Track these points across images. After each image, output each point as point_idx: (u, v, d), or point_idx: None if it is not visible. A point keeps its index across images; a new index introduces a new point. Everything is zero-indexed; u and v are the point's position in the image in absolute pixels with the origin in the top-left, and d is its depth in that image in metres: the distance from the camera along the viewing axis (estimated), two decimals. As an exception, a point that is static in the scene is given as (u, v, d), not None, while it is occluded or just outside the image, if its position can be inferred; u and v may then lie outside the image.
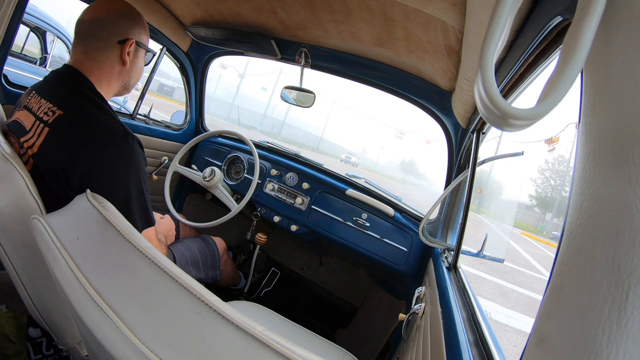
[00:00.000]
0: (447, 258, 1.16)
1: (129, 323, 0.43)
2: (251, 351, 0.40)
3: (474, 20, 0.68)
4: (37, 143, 0.76)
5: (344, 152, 36.45)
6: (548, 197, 36.00)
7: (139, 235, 0.55)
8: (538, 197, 36.95)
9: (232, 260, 1.58)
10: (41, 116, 0.78)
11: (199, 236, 1.42)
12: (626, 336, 0.23)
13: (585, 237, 0.27)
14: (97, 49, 0.86)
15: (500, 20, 0.31)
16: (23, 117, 0.82)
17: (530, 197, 37.94)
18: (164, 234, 1.28)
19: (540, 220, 34.07)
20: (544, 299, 0.30)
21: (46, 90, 0.83)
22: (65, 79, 0.84)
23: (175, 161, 1.69)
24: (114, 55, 0.88)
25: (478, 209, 4.59)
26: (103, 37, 0.86)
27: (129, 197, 0.78)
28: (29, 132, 0.78)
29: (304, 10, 1.10)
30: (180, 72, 1.82)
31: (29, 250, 0.70)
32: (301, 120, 41.65)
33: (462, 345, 0.63)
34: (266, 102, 31.91)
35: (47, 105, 0.79)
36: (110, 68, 0.88)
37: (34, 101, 0.83)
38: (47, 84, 0.85)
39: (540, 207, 36.38)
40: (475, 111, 1.02)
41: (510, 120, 0.28)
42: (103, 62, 0.87)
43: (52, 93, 0.81)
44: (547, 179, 37.73)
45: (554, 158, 36.98)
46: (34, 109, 0.81)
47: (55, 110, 0.77)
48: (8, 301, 1.07)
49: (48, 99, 0.80)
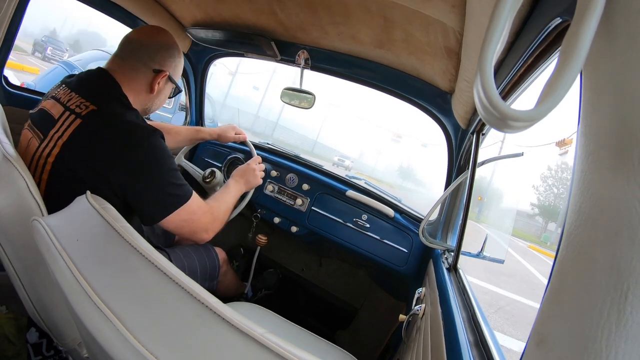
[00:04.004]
0: (447, 259, 1.16)
1: (129, 325, 0.43)
2: (252, 353, 0.40)
3: (473, 21, 0.68)
4: (68, 132, 0.80)
5: (338, 154, 34.79)
6: (551, 205, 35.08)
7: (139, 237, 0.55)
8: (540, 206, 36.08)
9: (234, 272, 1.56)
10: (73, 108, 0.82)
11: (201, 245, 1.39)
12: (625, 337, 0.24)
13: (585, 238, 0.27)
14: (133, 68, 0.92)
15: (499, 21, 0.31)
16: (50, 105, 0.87)
17: (532, 205, 37.06)
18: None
19: (543, 229, 33.22)
20: (544, 300, 0.30)
21: (78, 86, 0.87)
22: (99, 80, 0.89)
23: (181, 155, 1.70)
24: (145, 79, 0.94)
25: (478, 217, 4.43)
26: (143, 60, 0.93)
27: (160, 182, 0.84)
28: (57, 122, 0.82)
29: (304, 12, 1.10)
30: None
31: (29, 251, 0.70)
32: (296, 122, 40.60)
33: (462, 346, 0.63)
34: (258, 102, 30.93)
35: (79, 99, 0.83)
36: (138, 89, 0.94)
37: (63, 93, 0.87)
38: (79, 80, 0.89)
39: (543, 216, 35.44)
40: (475, 112, 1.03)
41: (509, 122, 0.29)
42: (134, 81, 0.92)
43: (84, 89, 0.86)
44: (550, 186, 36.75)
45: (557, 165, 36.05)
46: (63, 99, 0.85)
47: (89, 105, 0.82)
48: (8, 302, 1.07)
49: (80, 93, 0.85)
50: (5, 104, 1.19)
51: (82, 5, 1.25)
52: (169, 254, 1.16)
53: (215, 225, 1.05)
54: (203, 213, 0.98)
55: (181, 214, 0.89)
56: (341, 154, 36.37)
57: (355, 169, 32.18)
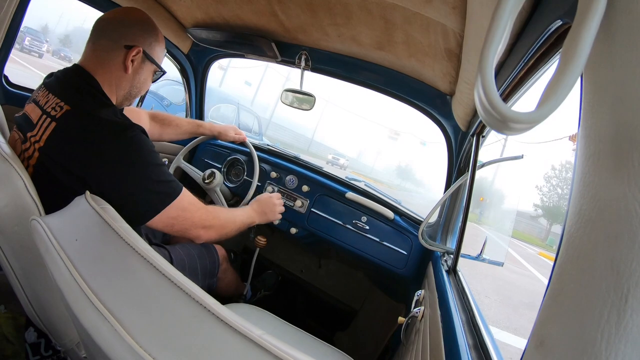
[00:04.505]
0: (446, 261, 1.16)
1: (127, 326, 0.43)
2: (249, 355, 0.40)
3: (474, 23, 0.68)
4: (44, 137, 0.78)
5: (332, 153, 33.13)
6: (557, 207, 34.27)
7: (137, 238, 0.55)
8: (544, 207, 35.36)
9: (234, 270, 1.55)
10: (49, 111, 0.80)
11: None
12: (625, 339, 0.23)
13: (585, 241, 0.27)
14: (105, 49, 0.88)
15: (500, 23, 0.31)
16: (30, 110, 0.86)
17: (535, 206, 36.30)
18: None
19: (548, 232, 32.43)
20: (544, 302, 0.30)
21: (55, 86, 0.86)
22: (73, 77, 0.87)
23: (179, 157, 1.70)
24: (118, 58, 0.89)
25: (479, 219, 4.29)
26: (113, 37, 0.88)
27: (142, 181, 0.81)
28: (35, 126, 0.80)
29: (305, 13, 1.10)
30: (181, 74, 1.82)
31: (27, 251, 0.70)
32: (290, 120, 39.52)
33: (461, 348, 0.63)
34: (250, 98, 29.83)
35: (55, 100, 0.81)
36: (112, 71, 0.89)
37: (42, 95, 0.86)
38: (57, 80, 0.88)
39: (548, 218, 34.70)
40: (475, 114, 1.03)
41: (510, 124, 0.28)
42: (107, 63, 0.88)
43: (60, 89, 0.84)
44: (554, 186, 36.06)
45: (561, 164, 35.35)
46: (41, 102, 0.84)
47: (63, 106, 0.79)
48: (6, 302, 1.07)
49: (56, 94, 0.83)
50: (5, 102, 1.19)
51: (80, 4, 1.24)
52: (169, 251, 1.15)
53: (215, 223, 1.01)
54: (197, 209, 0.94)
55: (170, 212, 0.85)
56: (336, 152, 35.12)
57: (350, 168, 30.95)
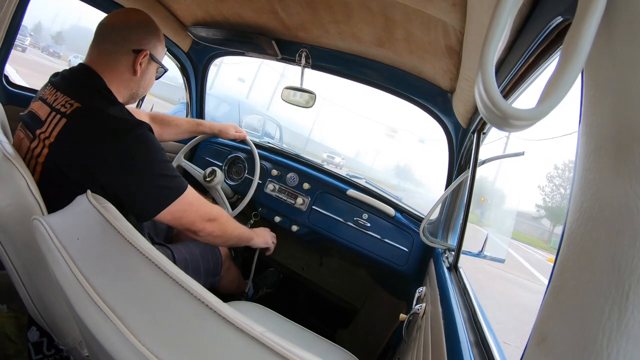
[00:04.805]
0: (447, 258, 1.16)
1: (129, 324, 0.43)
2: (251, 352, 0.40)
3: (474, 20, 0.68)
4: (54, 133, 0.79)
5: (328, 151, 31.90)
6: (560, 207, 33.72)
7: (139, 236, 0.55)
8: (547, 208, 34.79)
9: (237, 268, 1.56)
10: (58, 108, 0.82)
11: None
12: (627, 336, 0.23)
13: (586, 237, 0.27)
14: (110, 53, 0.90)
15: (500, 20, 0.31)
16: (37, 107, 0.87)
17: (537, 207, 35.75)
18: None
19: (551, 234, 31.92)
20: (545, 299, 0.30)
21: (63, 84, 0.87)
22: (81, 76, 0.88)
23: (180, 155, 1.70)
24: (126, 62, 0.91)
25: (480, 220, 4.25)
26: (118, 42, 0.90)
27: (151, 176, 0.83)
28: (44, 123, 0.82)
29: (305, 11, 1.10)
30: (181, 73, 1.82)
31: (30, 250, 0.70)
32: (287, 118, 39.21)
33: (462, 345, 0.63)
34: (244, 95, 29.11)
35: (64, 98, 0.83)
36: (120, 74, 0.91)
37: (49, 93, 0.87)
38: (64, 79, 0.89)
39: (551, 219, 34.21)
40: (476, 111, 1.02)
41: (511, 121, 0.28)
42: (114, 67, 0.90)
43: (68, 87, 0.85)
44: (557, 186, 35.57)
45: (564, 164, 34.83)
46: (49, 100, 0.85)
47: (73, 103, 0.81)
48: (9, 301, 1.07)
49: (65, 92, 0.84)
50: (6, 102, 1.19)
51: (79, 3, 1.24)
52: (172, 250, 1.15)
53: (219, 216, 1.02)
54: (202, 203, 0.96)
55: (177, 206, 0.88)
56: (331, 150, 34.37)
57: (347, 167, 30.19)
